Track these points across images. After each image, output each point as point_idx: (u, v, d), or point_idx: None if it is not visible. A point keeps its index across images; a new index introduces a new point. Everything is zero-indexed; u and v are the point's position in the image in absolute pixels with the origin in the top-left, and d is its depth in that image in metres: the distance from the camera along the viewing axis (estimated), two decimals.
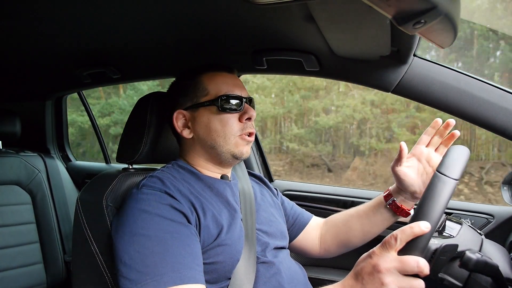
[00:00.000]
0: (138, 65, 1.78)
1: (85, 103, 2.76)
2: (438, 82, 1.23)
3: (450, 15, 0.71)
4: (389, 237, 0.78)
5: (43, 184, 2.24)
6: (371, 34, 1.09)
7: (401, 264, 0.75)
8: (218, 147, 1.11)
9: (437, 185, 0.83)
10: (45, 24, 1.27)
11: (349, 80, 1.47)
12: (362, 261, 0.82)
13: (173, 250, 0.89)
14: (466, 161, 0.90)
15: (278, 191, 1.42)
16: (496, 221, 1.53)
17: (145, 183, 1.02)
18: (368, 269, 0.78)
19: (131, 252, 0.88)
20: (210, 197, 1.08)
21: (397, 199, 1.20)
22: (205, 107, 1.12)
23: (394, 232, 0.78)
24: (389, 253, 0.77)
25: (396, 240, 0.77)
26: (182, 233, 0.92)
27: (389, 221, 1.25)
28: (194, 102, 1.13)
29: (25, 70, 1.97)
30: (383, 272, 0.75)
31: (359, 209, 1.31)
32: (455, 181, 0.83)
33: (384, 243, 0.79)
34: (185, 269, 0.87)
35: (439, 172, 0.85)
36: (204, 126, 1.12)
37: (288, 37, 1.27)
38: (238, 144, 1.12)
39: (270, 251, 1.13)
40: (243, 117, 1.12)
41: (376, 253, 0.79)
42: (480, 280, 0.99)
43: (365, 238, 1.30)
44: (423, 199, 0.82)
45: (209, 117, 1.11)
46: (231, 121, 1.11)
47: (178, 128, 1.15)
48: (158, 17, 1.19)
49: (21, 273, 2.04)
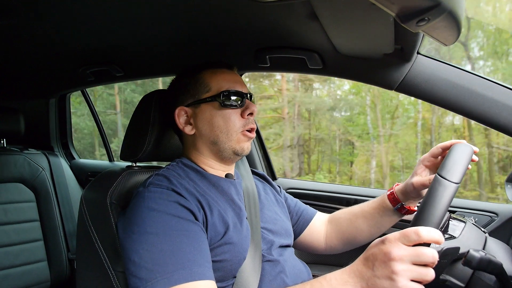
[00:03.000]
0: (141, 63, 1.78)
1: (89, 100, 2.77)
2: (442, 80, 1.23)
3: (454, 12, 0.71)
4: (410, 231, 0.74)
5: (47, 182, 2.24)
6: (375, 32, 1.08)
7: (416, 254, 0.73)
8: (221, 143, 1.12)
9: (437, 189, 0.82)
10: (49, 22, 1.27)
11: (353, 78, 1.47)
12: (373, 246, 0.79)
13: (182, 247, 0.89)
14: (469, 160, 0.89)
15: (281, 189, 1.42)
16: (500, 219, 1.52)
17: (152, 181, 1.02)
18: (380, 256, 0.76)
19: (140, 251, 0.89)
20: (215, 195, 1.08)
21: (405, 201, 1.21)
22: (207, 103, 1.12)
23: (416, 229, 0.74)
24: (405, 244, 0.75)
25: (417, 236, 0.74)
26: (190, 230, 0.93)
27: (395, 221, 1.26)
28: (196, 98, 1.14)
29: (29, 68, 1.98)
30: (396, 260, 0.73)
31: (364, 210, 1.30)
32: (456, 185, 0.83)
33: (403, 235, 0.75)
34: (194, 266, 0.87)
35: (440, 175, 0.85)
36: (207, 122, 1.12)
37: (292, 35, 1.27)
38: (240, 140, 1.12)
39: (276, 250, 1.13)
40: (245, 112, 1.12)
41: (390, 241, 0.76)
42: (484, 278, 0.99)
43: (371, 237, 1.30)
44: (423, 204, 0.81)
45: (212, 112, 1.11)
46: (233, 117, 1.11)
47: (180, 124, 1.15)
48: (162, 16, 1.19)
49: (25, 271, 2.05)
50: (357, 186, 1.98)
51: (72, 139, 2.84)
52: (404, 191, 1.20)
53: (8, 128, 2.15)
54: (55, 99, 2.60)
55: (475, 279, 1.00)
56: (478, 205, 1.61)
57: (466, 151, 0.91)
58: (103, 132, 2.88)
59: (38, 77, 2.16)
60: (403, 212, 1.22)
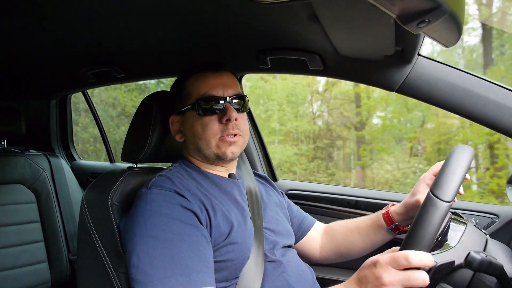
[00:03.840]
0: (142, 65, 1.78)
1: (90, 102, 2.77)
2: (443, 82, 1.23)
3: (455, 14, 0.71)
4: (400, 256, 0.75)
5: (48, 183, 2.24)
6: (376, 34, 1.08)
7: (407, 278, 0.74)
8: (202, 149, 1.12)
9: (428, 210, 0.79)
10: (51, 23, 1.27)
11: (353, 79, 1.47)
12: (366, 268, 0.81)
13: (182, 252, 0.89)
14: (465, 173, 0.85)
15: (283, 194, 1.43)
16: (500, 221, 1.52)
17: (154, 182, 1.02)
18: (371, 279, 0.78)
19: (139, 254, 0.89)
20: (219, 196, 1.09)
21: (402, 220, 1.21)
22: (190, 111, 1.13)
23: (406, 253, 0.75)
24: (395, 269, 0.76)
25: (407, 261, 0.75)
26: (192, 235, 0.93)
27: (389, 239, 1.27)
28: (182, 106, 1.15)
29: (30, 69, 1.98)
30: (387, 285, 0.75)
31: (359, 226, 1.32)
32: (448, 204, 0.80)
33: (393, 259, 0.76)
34: (193, 273, 0.87)
35: (432, 193, 0.81)
36: (190, 130, 1.13)
37: (293, 37, 1.27)
38: (219, 146, 1.11)
39: (279, 250, 1.14)
40: (223, 118, 1.10)
41: (382, 265, 0.77)
42: (484, 280, 0.98)
43: (365, 252, 1.32)
44: (414, 226, 0.80)
45: (193, 120, 1.12)
46: (211, 124, 1.10)
47: (173, 132, 1.18)
48: (163, 17, 1.19)
49: (26, 272, 2.05)
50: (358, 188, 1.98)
51: (73, 140, 2.84)
52: (403, 212, 1.20)
53: (9, 129, 2.15)
54: (56, 100, 2.60)
55: (476, 281, 0.99)
56: (479, 206, 1.61)
57: (462, 163, 0.86)
58: (104, 134, 2.88)
59: (39, 78, 2.16)
60: (397, 232, 1.24)
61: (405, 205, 1.19)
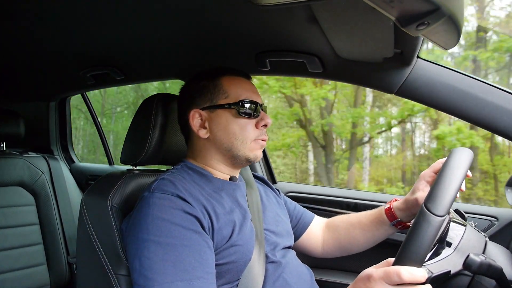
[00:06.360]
0: (142, 67, 1.78)
1: (89, 104, 2.77)
2: (442, 84, 1.23)
3: (454, 16, 0.71)
4: (392, 272, 0.76)
5: (47, 185, 2.24)
6: (375, 36, 1.09)
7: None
8: (235, 150, 1.12)
9: (421, 225, 0.77)
10: (50, 25, 1.27)
11: (353, 81, 1.47)
12: (360, 281, 0.82)
13: (183, 258, 0.89)
14: (461, 181, 0.84)
15: (280, 192, 1.43)
16: (500, 223, 1.52)
17: (157, 186, 1.01)
18: None
19: (141, 258, 0.89)
20: (221, 198, 1.08)
21: (404, 216, 1.22)
22: (224, 109, 1.12)
23: (398, 270, 0.76)
24: (388, 284, 0.77)
25: (399, 278, 0.75)
26: (193, 241, 0.92)
27: (392, 234, 1.28)
28: (213, 103, 1.13)
29: (30, 71, 1.98)
30: None
31: (361, 221, 1.32)
32: (441, 218, 0.77)
33: (386, 274, 0.77)
34: (194, 278, 0.87)
35: (426, 206, 0.79)
36: (222, 128, 1.12)
37: (292, 39, 1.27)
38: (253, 149, 1.13)
39: (279, 251, 1.14)
40: (260, 123, 1.13)
41: (375, 279, 0.78)
42: (483, 282, 0.98)
43: (367, 246, 1.33)
44: (406, 241, 0.78)
45: (228, 119, 1.11)
46: (249, 126, 1.12)
47: (194, 127, 1.14)
48: (162, 19, 1.19)
49: (25, 275, 2.04)
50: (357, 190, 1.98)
51: (72, 142, 2.84)
52: (404, 208, 1.21)
53: (8, 131, 2.14)
54: (55, 102, 2.60)
55: (475, 284, 0.99)
56: (478, 209, 1.61)
57: (458, 172, 0.84)
58: (103, 136, 2.88)
59: (38, 80, 2.16)
60: (400, 227, 1.25)
61: (406, 202, 1.20)
